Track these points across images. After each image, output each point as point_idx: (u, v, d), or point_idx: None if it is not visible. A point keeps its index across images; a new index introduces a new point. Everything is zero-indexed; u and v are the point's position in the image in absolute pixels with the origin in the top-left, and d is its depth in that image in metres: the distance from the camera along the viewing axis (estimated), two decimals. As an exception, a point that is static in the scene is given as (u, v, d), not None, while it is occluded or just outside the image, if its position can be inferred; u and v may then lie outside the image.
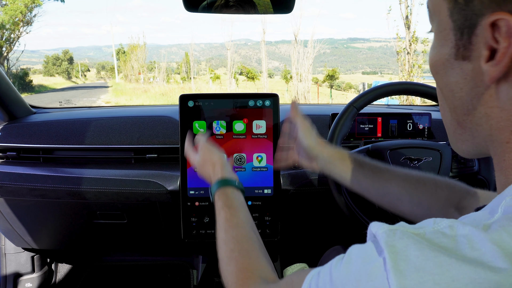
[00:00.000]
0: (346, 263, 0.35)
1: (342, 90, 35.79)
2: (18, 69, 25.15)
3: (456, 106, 0.40)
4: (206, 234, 1.09)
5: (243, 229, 0.62)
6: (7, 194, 1.16)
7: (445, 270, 0.29)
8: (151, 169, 1.15)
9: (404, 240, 0.31)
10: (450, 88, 0.40)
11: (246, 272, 0.56)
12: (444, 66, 0.40)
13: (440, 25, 0.40)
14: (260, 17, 17.34)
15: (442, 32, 0.40)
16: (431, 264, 0.29)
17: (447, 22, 0.39)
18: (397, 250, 0.31)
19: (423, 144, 0.95)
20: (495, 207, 0.34)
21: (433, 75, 0.43)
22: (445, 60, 0.40)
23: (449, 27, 0.38)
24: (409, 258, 0.30)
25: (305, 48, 15.12)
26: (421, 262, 0.29)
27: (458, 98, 0.40)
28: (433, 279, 0.29)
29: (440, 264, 0.29)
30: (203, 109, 1.07)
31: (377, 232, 0.34)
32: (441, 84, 0.42)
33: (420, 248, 0.30)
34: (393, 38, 11.05)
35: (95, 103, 16.54)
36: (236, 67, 27.80)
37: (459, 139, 0.43)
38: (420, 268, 0.29)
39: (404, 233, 0.32)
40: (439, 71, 0.41)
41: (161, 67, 27.77)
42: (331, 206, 0.99)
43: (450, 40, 0.39)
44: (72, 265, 1.69)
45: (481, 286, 0.28)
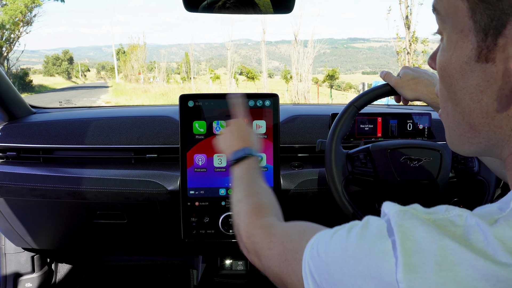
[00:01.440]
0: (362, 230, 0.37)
1: (342, 90, 35.78)
2: (18, 69, 25.14)
3: (472, 110, 0.38)
4: (206, 234, 1.09)
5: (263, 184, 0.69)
6: (7, 194, 1.16)
7: (448, 253, 0.30)
8: (151, 169, 1.15)
9: (412, 221, 0.33)
10: (468, 91, 0.38)
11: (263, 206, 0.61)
12: (462, 69, 0.38)
13: (456, 26, 0.38)
14: (260, 17, 17.35)
15: (458, 34, 0.38)
16: (435, 246, 0.31)
17: (466, 22, 0.36)
18: (405, 230, 0.32)
19: (423, 144, 0.95)
20: (507, 202, 0.34)
21: (444, 78, 0.41)
22: (463, 63, 0.37)
23: (469, 28, 0.36)
24: (415, 239, 0.32)
25: (305, 48, 15.12)
26: (426, 244, 0.31)
27: (477, 101, 0.38)
28: (435, 261, 0.30)
29: (444, 248, 0.30)
30: (203, 109, 1.07)
31: (389, 212, 0.36)
32: (455, 88, 0.39)
33: (427, 230, 0.32)
34: (393, 38, 11.06)
35: (95, 103, 16.54)
36: (236, 67, 27.79)
37: (467, 142, 0.41)
38: (424, 249, 0.31)
39: (413, 214, 0.34)
40: (454, 74, 0.39)
41: (161, 67, 27.77)
42: (331, 206, 0.99)
43: (470, 42, 0.36)
44: (72, 265, 1.69)
45: (480, 273, 0.29)
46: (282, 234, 0.51)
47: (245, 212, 0.61)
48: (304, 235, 0.47)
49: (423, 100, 0.86)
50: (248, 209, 0.61)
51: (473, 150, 0.42)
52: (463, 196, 1.00)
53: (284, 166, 1.17)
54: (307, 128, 1.24)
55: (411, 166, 0.93)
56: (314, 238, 0.43)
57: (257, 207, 0.62)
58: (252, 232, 0.57)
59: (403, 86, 0.87)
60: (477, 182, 0.95)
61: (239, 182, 0.71)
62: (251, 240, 0.56)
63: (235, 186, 0.71)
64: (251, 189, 0.67)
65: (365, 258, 0.34)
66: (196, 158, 1.08)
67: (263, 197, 0.65)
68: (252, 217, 0.59)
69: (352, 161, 0.95)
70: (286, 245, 0.49)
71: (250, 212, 0.61)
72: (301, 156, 1.22)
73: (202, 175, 1.08)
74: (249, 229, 0.58)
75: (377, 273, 0.33)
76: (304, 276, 0.42)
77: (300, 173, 1.13)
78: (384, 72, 0.92)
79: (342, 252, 0.37)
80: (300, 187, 1.12)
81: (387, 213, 0.36)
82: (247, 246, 0.57)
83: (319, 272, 0.39)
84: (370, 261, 0.33)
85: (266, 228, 0.55)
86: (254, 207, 0.62)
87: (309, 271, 0.41)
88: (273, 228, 0.54)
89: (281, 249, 0.49)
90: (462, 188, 0.99)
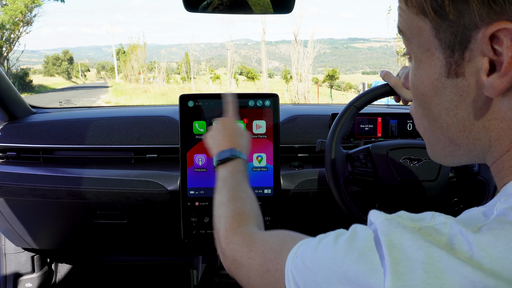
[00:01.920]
0: (350, 239, 0.37)
1: (342, 90, 35.78)
2: (18, 69, 25.15)
3: (450, 124, 0.39)
4: (206, 234, 1.09)
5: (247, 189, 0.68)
6: (7, 194, 1.16)
7: (435, 261, 0.30)
8: (151, 169, 1.16)
9: (398, 229, 0.33)
10: (443, 107, 0.39)
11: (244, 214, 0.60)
12: (434, 86, 0.38)
13: (422, 46, 0.38)
14: (260, 17, 17.35)
15: (425, 53, 0.38)
16: (422, 254, 0.31)
17: (431, 41, 0.37)
18: (392, 239, 0.33)
19: (423, 144, 0.95)
20: (492, 206, 0.34)
21: (417, 97, 0.41)
22: (435, 80, 0.38)
23: (435, 46, 0.37)
24: (402, 247, 0.32)
25: (305, 48, 15.13)
26: (413, 252, 0.31)
27: (453, 115, 0.38)
28: (422, 268, 0.30)
29: (431, 255, 0.30)
30: (203, 109, 1.07)
31: (375, 221, 0.36)
32: (430, 105, 0.40)
33: (413, 238, 0.32)
34: (393, 38, 11.07)
35: (95, 103, 16.55)
36: (236, 67, 27.80)
37: (449, 155, 0.42)
38: (411, 257, 0.31)
39: (399, 223, 0.34)
40: (427, 92, 0.39)
41: (161, 67, 27.78)
42: (331, 206, 0.99)
43: (438, 59, 0.37)
44: (72, 265, 1.69)
45: (467, 280, 0.29)
46: (263, 243, 0.50)
47: (226, 217, 0.60)
48: (285, 244, 0.46)
49: None
50: (229, 214, 0.60)
51: (456, 161, 0.42)
52: (463, 196, 1.00)
53: (284, 166, 1.17)
54: (307, 128, 1.24)
55: (411, 166, 0.93)
56: (296, 247, 0.43)
57: (239, 214, 0.60)
58: (231, 238, 0.56)
59: (402, 87, 0.87)
60: (477, 182, 0.95)
61: (223, 184, 0.69)
62: (230, 247, 0.55)
63: (218, 188, 0.69)
64: (235, 193, 0.65)
65: (353, 266, 0.34)
66: (196, 158, 1.08)
67: (246, 204, 0.64)
68: (233, 223, 0.58)
69: (352, 161, 0.95)
70: (267, 255, 0.48)
71: (231, 217, 0.59)
72: (301, 156, 1.22)
73: (202, 175, 1.08)
74: (229, 235, 0.56)
75: (365, 281, 0.33)
76: (287, 286, 0.41)
77: (300, 173, 1.13)
78: (384, 72, 0.92)
79: (330, 260, 0.37)
80: (300, 187, 1.12)
81: (373, 222, 0.36)
82: (225, 252, 0.56)
83: (305, 281, 0.39)
84: (358, 270, 0.33)
85: (247, 236, 0.54)
86: (236, 212, 0.60)
87: (293, 280, 0.41)
88: (254, 236, 0.53)
89: (261, 259, 0.48)
90: (462, 188, 0.99)
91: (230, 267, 0.56)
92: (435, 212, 0.35)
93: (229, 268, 0.56)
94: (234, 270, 0.54)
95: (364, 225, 0.38)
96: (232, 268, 0.55)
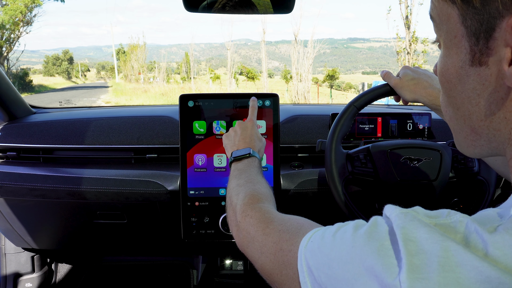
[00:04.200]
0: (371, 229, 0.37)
1: (342, 90, 35.77)
2: (18, 69, 25.14)
3: (471, 113, 0.39)
4: (206, 234, 1.09)
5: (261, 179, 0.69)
6: (7, 194, 1.16)
7: (451, 255, 0.30)
8: (151, 169, 1.15)
9: (414, 222, 0.33)
10: (466, 95, 0.39)
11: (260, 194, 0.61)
12: (458, 74, 0.39)
13: (449, 33, 0.39)
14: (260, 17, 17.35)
15: (452, 40, 0.38)
16: (438, 247, 0.31)
17: (458, 28, 0.37)
18: (407, 232, 0.33)
19: (423, 144, 0.95)
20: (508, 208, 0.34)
21: (443, 84, 0.42)
22: (459, 68, 0.38)
23: (461, 34, 0.37)
24: (418, 240, 0.32)
25: (305, 48, 15.12)
26: (429, 245, 0.31)
27: (475, 104, 0.38)
28: (438, 261, 0.30)
29: (447, 249, 0.31)
30: (203, 109, 1.07)
31: (391, 215, 0.36)
32: (454, 92, 0.40)
33: (429, 232, 0.32)
34: (393, 38, 11.07)
35: (95, 103, 16.54)
36: (236, 67, 27.79)
37: (471, 145, 0.42)
38: (427, 250, 0.31)
39: (414, 217, 0.34)
40: (452, 80, 0.40)
41: (161, 67, 27.77)
42: (331, 206, 0.99)
43: (464, 47, 0.37)
44: (72, 265, 1.69)
45: (483, 275, 0.29)
46: (280, 223, 0.51)
47: (245, 193, 0.61)
48: (302, 227, 0.47)
49: (421, 101, 0.86)
50: (248, 192, 0.61)
51: (477, 152, 0.42)
52: (463, 196, 1.00)
53: (284, 166, 1.17)
54: (307, 128, 1.24)
55: (411, 166, 0.93)
56: (312, 232, 0.44)
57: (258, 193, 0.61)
58: (249, 212, 0.56)
59: (402, 87, 0.87)
60: (477, 182, 0.95)
61: (238, 173, 0.71)
62: (246, 221, 0.56)
63: (233, 176, 0.70)
64: (252, 178, 0.67)
65: (371, 257, 0.34)
66: (196, 158, 1.08)
67: (263, 187, 0.65)
68: (251, 199, 0.59)
69: (352, 161, 0.95)
70: (283, 235, 0.48)
71: (250, 194, 0.60)
72: (301, 156, 1.22)
73: (202, 175, 1.08)
74: (247, 209, 0.57)
75: (381, 273, 0.33)
76: (300, 269, 0.42)
77: (300, 173, 1.13)
78: (384, 72, 0.92)
79: (348, 249, 0.37)
80: (300, 187, 1.11)
81: (388, 216, 0.37)
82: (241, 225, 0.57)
83: (319, 266, 0.39)
84: (376, 261, 0.34)
85: (264, 213, 0.55)
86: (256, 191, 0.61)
87: (306, 264, 0.41)
88: (272, 214, 0.54)
89: (277, 237, 0.49)
90: (462, 188, 0.99)
91: (242, 240, 0.56)
92: (451, 210, 0.35)
93: (242, 242, 0.56)
94: (246, 244, 0.55)
95: None
96: (245, 241, 0.55)
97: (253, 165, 0.73)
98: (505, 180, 1.10)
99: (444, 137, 1.20)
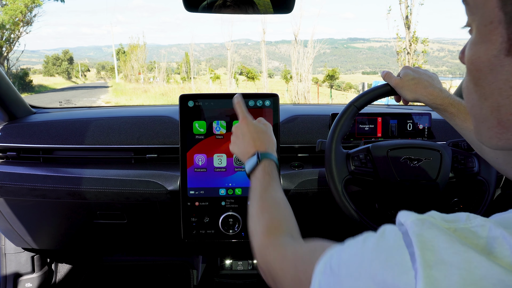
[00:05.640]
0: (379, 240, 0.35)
1: (342, 90, 35.78)
2: (18, 69, 25.15)
3: (501, 105, 0.36)
4: (206, 234, 1.09)
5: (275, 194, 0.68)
6: (7, 194, 1.16)
7: (474, 267, 0.28)
8: (151, 169, 1.15)
9: (433, 230, 0.31)
10: (497, 86, 0.36)
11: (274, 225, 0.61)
12: (491, 63, 0.36)
13: (484, 18, 0.35)
14: (260, 17, 17.35)
15: (487, 26, 0.35)
16: (459, 258, 0.28)
17: (495, 14, 0.34)
18: (425, 240, 0.30)
19: (423, 144, 0.95)
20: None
21: (471, 72, 0.39)
22: (492, 57, 0.35)
23: (498, 20, 0.34)
24: (436, 250, 0.29)
25: (305, 48, 15.12)
26: (449, 256, 0.29)
27: (506, 97, 0.36)
28: (459, 274, 0.27)
29: (469, 260, 0.28)
30: (203, 109, 1.07)
31: (405, 222, 0.33)
32: (484, 82, 0.37)
33: (449, 241, 0.30)
34: (393, 38, 11.07)
35: (95, 103, 16.55)
36: (236, 67, 27.80)
37: (495, 137, 0.39)
38: (447, 261, 0.28)
39: (433, 223, 0.32)
40: (483, 69, 0.37)
41: (161, 67, 27.78)
42: (331, 206, 0.99)
43: (500, 35, 0.34)
44: (72, 265, 1.69)
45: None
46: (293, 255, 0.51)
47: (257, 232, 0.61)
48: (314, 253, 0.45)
49: (422, 101, 0.86)
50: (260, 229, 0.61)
51: (500, 145, 0.39)
52: (463, 196, 1.00)
53: (284, 166, 1.17)
54: (307, 128, 1.24)
55: (411, 166, 0.93)
56: (324, 255, 0.42)
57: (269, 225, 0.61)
58: (264, 252, 0.57)
59: (403, 87, 0.87)
60: (477, 182, 0.95)
61: (253, 194, 0.70)
62: (264, 260, 0.56)
63: (250, 198, 0.70)
64: (263, 203, 0.66)
65: (382, 270, 0.32)
66: (196, 158, 1.08)
67: (275, 212, 0.64)
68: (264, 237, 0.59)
69: (352, 161, 0.95)
70: (298, 266, 0.48)
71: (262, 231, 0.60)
72: (301, 156, 1.22)
73: (202, 175, 1.08)
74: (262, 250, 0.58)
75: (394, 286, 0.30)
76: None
77: (300, 173, 1.13)
78: (385, 72, 0.92)
79: (357, 263, 0.35)
80: (300, 187, 1.12)
81: (403, 223, 0.34)
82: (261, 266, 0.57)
83: (329, 284, 0.38)
84: (387, 273, 0.31)
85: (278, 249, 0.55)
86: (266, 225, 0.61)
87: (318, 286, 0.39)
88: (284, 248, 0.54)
89: (293, 271, 0.49)
90: (462, 188, 0.99)
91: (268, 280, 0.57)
92: (470, 213, 0.33)
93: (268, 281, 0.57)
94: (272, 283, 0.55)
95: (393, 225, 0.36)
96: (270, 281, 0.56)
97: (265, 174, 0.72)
98: (505, 180, 1.10)
99: (444, 137, 1.20)
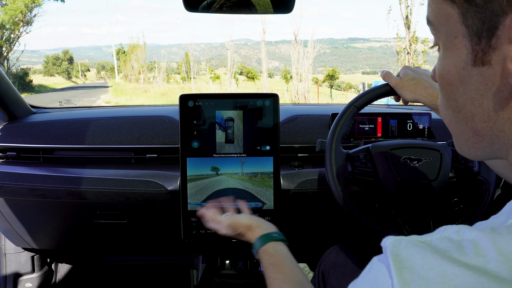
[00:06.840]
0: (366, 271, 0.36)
1: (342, 90, 35.79)
2: (18, 69, 25.16)
3: (474, 114, 0.38)
4: (206, 234, 1.09)
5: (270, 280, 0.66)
6: (7, 194, 1.16)
7: (449, 279, 0.29)
8: (151, 169, 1.15)
9: (408, 249, 0.32)
10: (468, 97, 0.38)
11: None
12: (460, 75, 0.38)
13: (449, 34, 0.38)
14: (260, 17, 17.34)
15: (452, 41, 0.37)
16: (435, 273, 0.29)
17: (458, 28, 0.36)
18: (402, 259, 0.31)
19: (423, 144, 0.95)
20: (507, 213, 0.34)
21: (443, 87, 0.41)
22: (460, 69, 0.37)
23: (462, 33, 0.36)
24: (413, 267, 0.31)
25: (305, 48, 15.12)
26: (425, 271, 0.30)
27: (478, 105, 0.37)
28: None
29: (444, 274, 0.29)
30: (203, 109, 1.07)
31: (384, 243, 0.35)
32: (456, 95, 0.39)
33: (424, 257, 0.31)
34: (393, 38, 11.07)
35: (95, 103, 16.54)
36: (236, 67, 27.81)
37: (473, 147, 0.41)
38: (424, 277, 0.30)
39: (409, 241, 0.33)
40: (453, 81, 0.39)
41: (161, 67, 27.80)
42: (331, 206, 0.99)
43: (465, 47, 0.36)
44: (72, 265, 1.69)
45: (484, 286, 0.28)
46: None
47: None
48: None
49: (421, 101, 0.86)
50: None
51: (479, 154, 0.41)
52: (463, 196, 1.00)
53: (284, 166, 1.17)
54: (307, 128, 1.24)
55: (411, 166, 0.93)
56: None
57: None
58: None
59: (402, 87, 0.87)
60: (477, 182, 0.95)
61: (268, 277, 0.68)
62: None
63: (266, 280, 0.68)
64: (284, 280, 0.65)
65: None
66: (196, 158, 1.08)
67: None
68: None
69: (352, 161, 0.95)
70: None
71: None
72: (301, 156, 1.22)
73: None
74: None
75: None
76: None
77: (300, 173, 1.13)
78: (385, 72, 0.92)
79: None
80: (300, 187, 1.11)
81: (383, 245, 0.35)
82: None
83: None
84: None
85: None
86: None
87: None
88: None
89: None
90: (462, 188, 0.99)
91: None
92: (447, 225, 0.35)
93: None
94: None
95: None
96: None
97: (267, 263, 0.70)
98: (505, 180, 1.10)
99: (444, 137, 1.20)
